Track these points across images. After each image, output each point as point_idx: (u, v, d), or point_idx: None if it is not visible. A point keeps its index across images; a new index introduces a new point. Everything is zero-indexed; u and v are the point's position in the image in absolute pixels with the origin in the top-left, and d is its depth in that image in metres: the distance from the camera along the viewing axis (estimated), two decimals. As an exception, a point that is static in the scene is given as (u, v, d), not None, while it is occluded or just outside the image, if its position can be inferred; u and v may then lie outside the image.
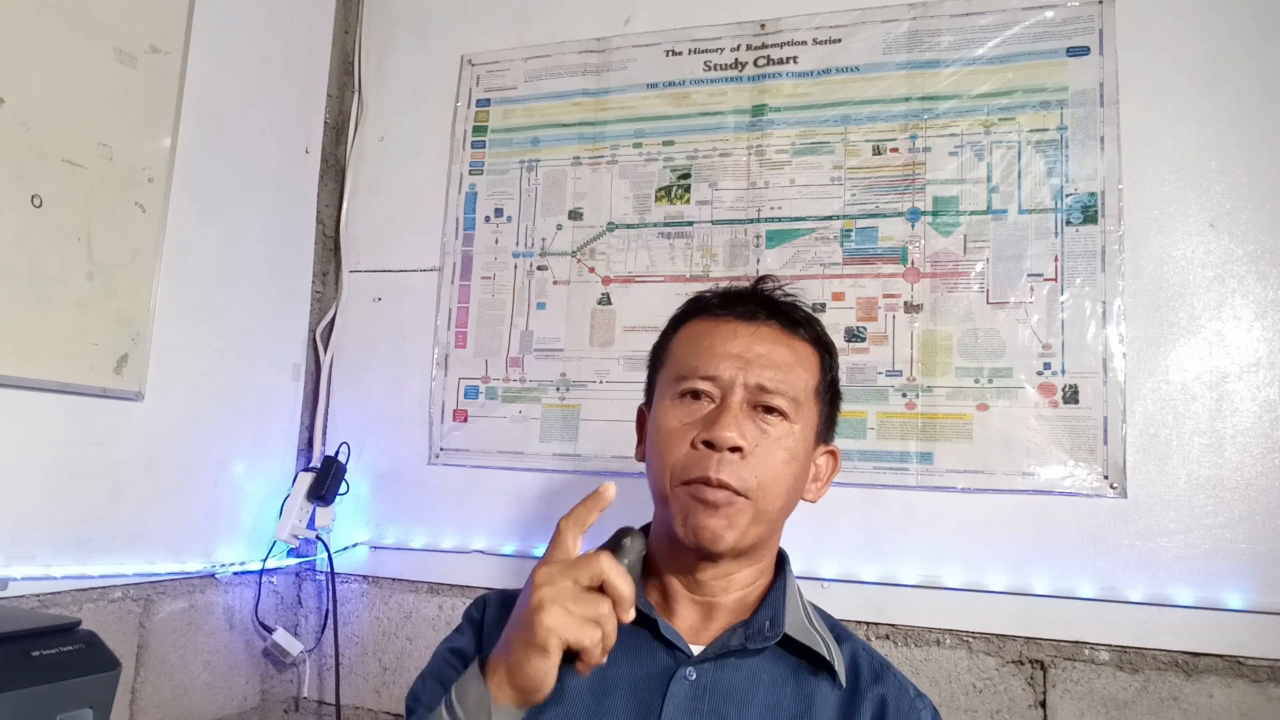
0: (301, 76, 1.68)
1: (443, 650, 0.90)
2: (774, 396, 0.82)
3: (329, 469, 1.55)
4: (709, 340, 0.85)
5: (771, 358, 0.83)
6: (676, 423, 0.83)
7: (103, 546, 1.26)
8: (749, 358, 0.83)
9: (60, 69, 1.17)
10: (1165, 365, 1.26)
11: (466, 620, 0.92)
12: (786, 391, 0.83)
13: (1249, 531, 1.19)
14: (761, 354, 0.83)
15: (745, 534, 0.81)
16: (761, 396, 0.82)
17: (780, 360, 0.84)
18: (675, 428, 0.83)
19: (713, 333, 0.86)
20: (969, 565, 1.28)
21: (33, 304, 1.14)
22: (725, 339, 0.85)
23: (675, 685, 0.79)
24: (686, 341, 0.88)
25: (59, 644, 0.89)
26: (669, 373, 0.88)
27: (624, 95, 1.58)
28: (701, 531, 0.80)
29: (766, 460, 0.81)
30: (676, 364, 0.87)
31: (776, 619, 0.83)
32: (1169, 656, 1.19)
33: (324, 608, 1.59)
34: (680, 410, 0.84)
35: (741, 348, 0.83)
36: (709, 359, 0.84)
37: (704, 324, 0.88)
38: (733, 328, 0.85)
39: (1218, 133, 1.27)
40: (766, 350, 0.84)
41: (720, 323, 0.86)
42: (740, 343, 0.84)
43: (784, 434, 0.83)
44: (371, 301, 1.69)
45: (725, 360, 0.83)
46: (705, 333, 0.87)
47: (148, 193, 1.30)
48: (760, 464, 0.81)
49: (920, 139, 1.41)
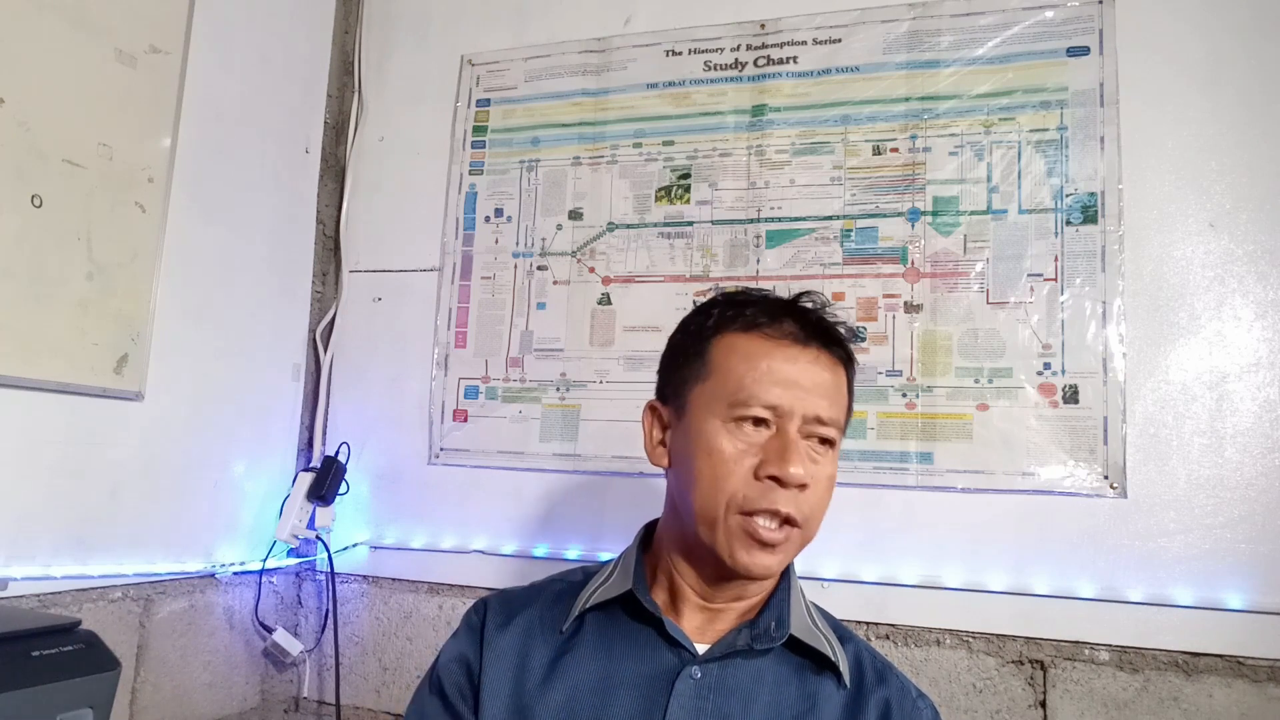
0: (301, 76, 1.68)
1: (445, 660, 0.89)
2: (828, 429, 0.82)
3: (329, 469, 1.55)
4: (767, 364, 0.82)
5: (825, 388, 0.82)
6: (733, 448, 0.81)
7: (103, 546, 1.26)
8: (807, 387, 0.81)
9: (60, 69, 1.17)
10: (1165, 365, 1.26)
11: (466, 625, 0.91)
12: (838, 422, 0.83)
13: (1249, 531, 1.19)
14: (817, 384, 0.82)
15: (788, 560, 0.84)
16: (817, 428, 0.81)
17: (831, 389, 0.83)
18: (732, 454, 0.81)
19: (769, 354, 0.82)
20: (969, 565, 1.28)
21: (33, 304, 1.14)
22: (782, 364, 0.82)
23: (680, 684, 0.80)
24: (738, 359, 0.84)
25: (59, 644, 0.89)
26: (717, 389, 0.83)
27: (624, 95, 1.58)
28: (754, 568, 0.81)
29: (817, 490, 0.82)
30: (729, 383, 0.83)
31: (782, 620, 0.83)
32: (1169, 656, 1.19)
33: (324, 608, 1.59)
34: (738, 436, 0.81)
35: (799, 375, 0.81)
36: (768, 386, 0.81)
37: (756, 342, 0.84)
38: (791, 353, 0.82)
39: (1218, 133, 1.27)
40: (821, 380, 0.83)
41: (775, 345, 0.83)
42: (798, 370, 0.82)
43: (830, 462, 0.83)
44: (371, 301, 1.69)
45: (785, 388, 0.81)
46: (760, 353, 0.83)
47: (148, 193, 1.30)
48: (813, 495, 0.81)
49: (920, 139, 1.41)
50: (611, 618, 0.86)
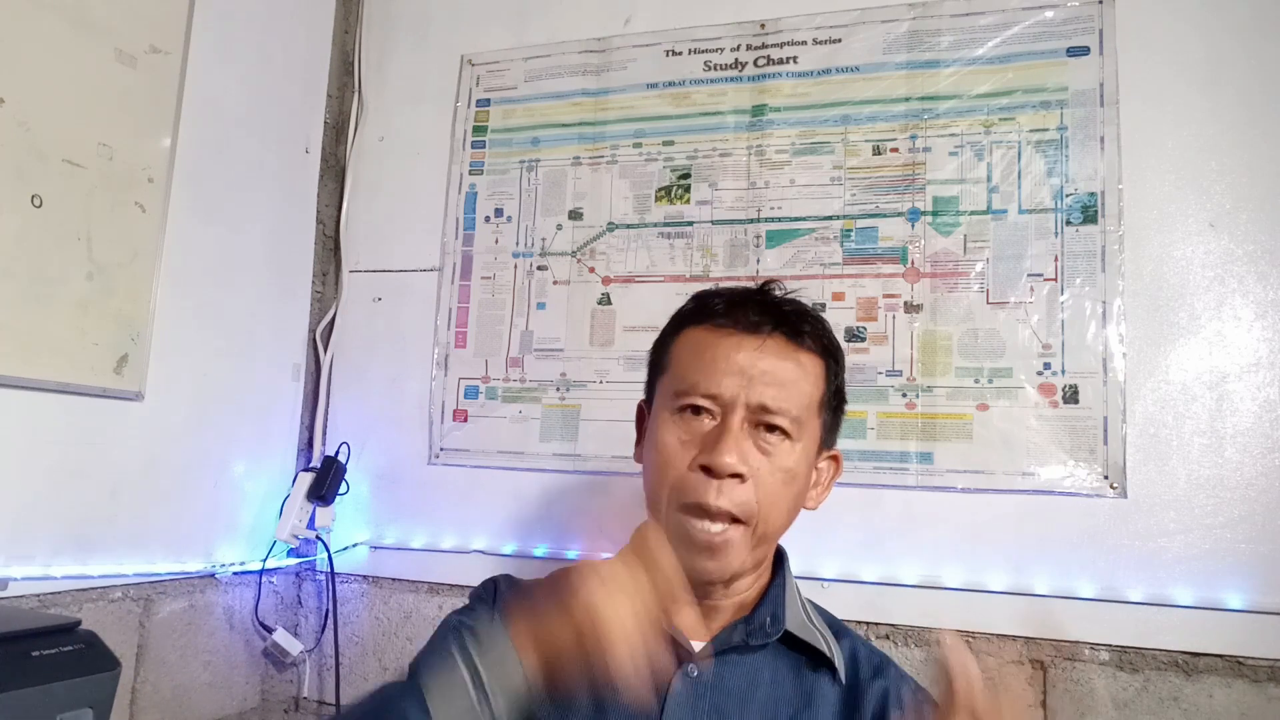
0: (301, 76, 1.68)
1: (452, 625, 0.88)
2: (776, 416, 0.80)
3: (329, 469, 1.55)
4: (711, 354, 0.82)
5: (775, 374, 0.80)
6: (675, 440, 0.81)
7: (103, 546, 1.26)
8: (752, 374, 0.80)
9: (60, 69, 1.17)
10: (1165, 365, 1.26)
11: (476, 601, 0.91)
12: (789, 410, 0.80)
13: (1249, 531, 1.19)
14: (765, 370, 0.80)
15: (744, 561, 0.81)
16: (763, 416, 0.80)
17: (784, 377, 0.81)
18: (673, 445, 0.81)
19: (715, 345, 0.82)
20: (969, 565, 1.28)
21: (33, 304, 1.14)
22: (728, 353, 0.81)
23: (677, 682, 0.80)
24: (688, 351, 0.85)
25: (59, 644, 0.89)
26: (669, 382, 0.85)
27: (624, 95, 1.58)
28: (696, 573, 0.79)
29: (767, 482, 0.79)
30: (677, 375, 0.84)
31: (777, 616, 0.83)
32: (1169, 656, 1.19)
33: (324, 608, 1.59)
34: (679, 426, 0.81)
35: (745, 362, 0.80)
36: (710, 374, 0.80)
37: (707, 334, 0.84)
38: (736, 341, 0.82)
39: (1218, 133, 1.27)
40: (771, 366, 0.81)
41: (724, 335, 0.82)
42: (744, 357, 0.81)
43: (785, 453, 0.81)
44: (371, 301, 1.69)
45: (727, 377, 0.80)
46: (708, 344, 0.83)
47: (148, 193, 1.30)
48: (761, 486, 0.79)
49: (920, 139, 1.41)
50: None
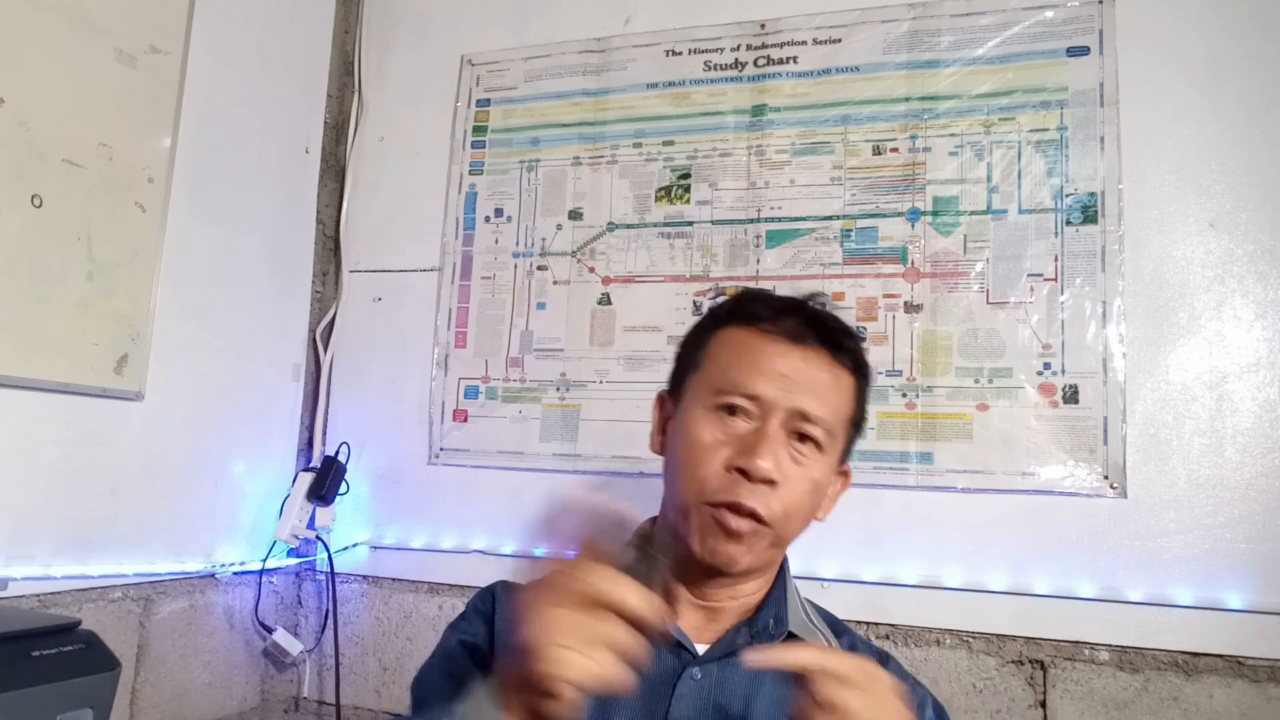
0: (301, 76, 1.68)
1: (452, 642, 0.88)
2: (813, 426, 0.80)
3: (329, 469, 1.55)
4: (754, 356, 0.82)
5: (816, 385, 0.81)
6: (710, 437, 0.80)
7: (103, 546, 1.26)
8: (795, 381, 0.80)
9: (60, 69, 1.17)
10: (1165, 365, 1.26)
11: (474, 612, 0.91)
12: (826, 421, 0.81)
13: (1249, 531, 1.19)
14: (808, 379, 0.80)
15: (760, 557, 0.81)
16: (800, 424, 0.80)
17: (824, 388, 0.81)
18: (709, 443, 0.80)
19: (759, 348, 0.82)
20: (969, 565, 1.28)
21: (33, 304, 1.14)
22: (772, 357, 0.81)
23: (682, 685, 0.80)
24: (730, 350, 0.84)
25: (59, 644, 0.89)
26: (706, 378, 0.84)
27: (624, 95, 1.58)
28: (718, 555, 0.79)
29: (794, 491, 0.80)
30: (716, 373, 0.83)
31: (780, 618, 0.83)
32: (1169, 656, 1.19)
33: (324, 608, 1.59)
34: (715, 424, 0.81)
35: (788, 369, 0.80)
36: (753, 375, 0.80)
37: (750, 335, 0.83)
38: (782, 348, 0.81)
39: (1218, 133, 1.27)
40: (812, 376, 0.81)
41: (768, 339, 0.82)
42: (787, 364, 0.81)
43: (815, 464, 0.81)
44: (371, 301, 1.69)
45: (771, 380, 0.80)
46: (751, 346, 0.83)
47: (148, 193, 1.30)
48: (788, 494, 0.79)
49: (920, 139, 1.41)
50: None
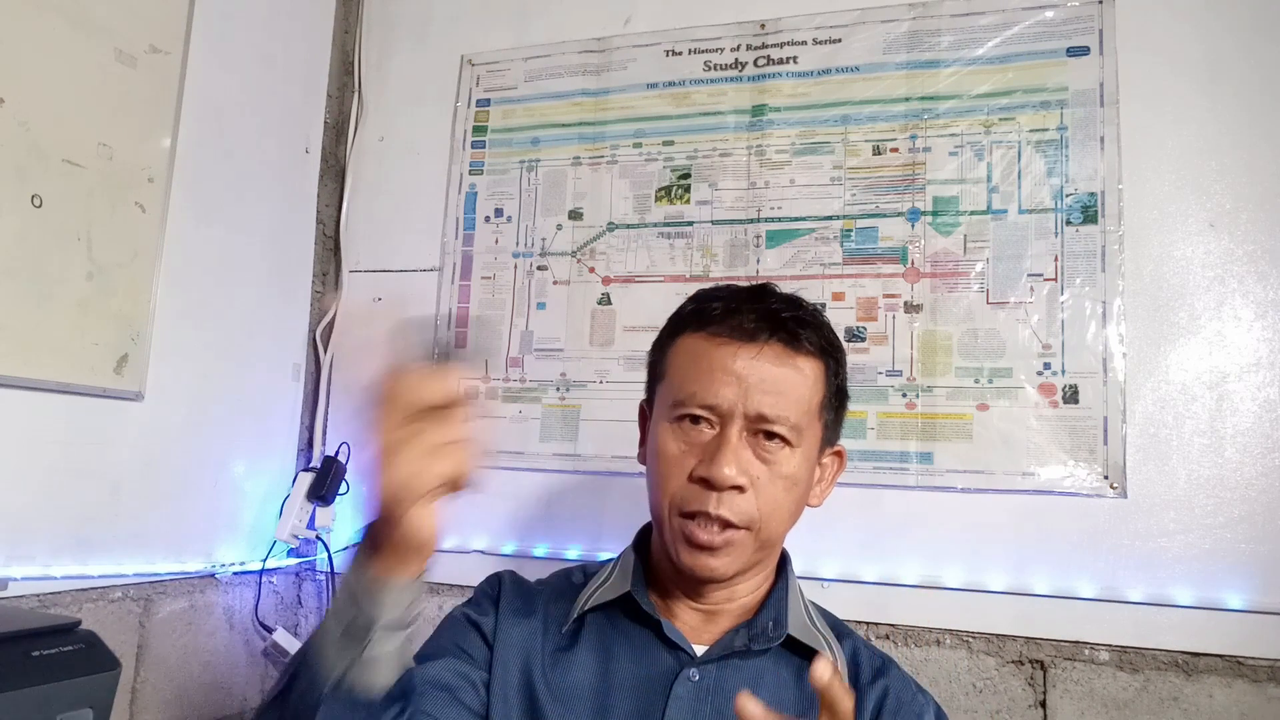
0: (301, 76, 1.68)
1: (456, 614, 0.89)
2: (774, 424, 0.80)
3: (329, 469, 1.55)
4: (707, 363, 0.81)
5: (773, 382, 0.80)
6: (675, 449, 0.81)
7: (103, 546, 1.26)
8: (749, 383, 0.79)
9: (60, 69, 1.17)
10: (1165, 365, 1.26)
11: (482, 595, 0.91)
12: (788, 418, 0.80)
13: (1249, 531, 1.19)
14: (763, 379, 0.80)
15: (746, 560, 0.81)
16: (762, 425, 0.80)
17: (782, 384, 0.80)
18: (674, 454, 0.81)
19: (711, 354, 0.82)
20: (969, 565, 1.28)
21: (33, 304, 1.14)
22: (725, 362, 0.80)
23: (679, 686, 0.79)
24: (686, 359, 0.84)
25: (59, 644, 0.89)
26: (668, 389, 0.85)
27: (624, 95, 1.58)
28: (698, 570, 0.80)
29: (767, 490, 0.79)
30: (674, 384, 0.84)
31: (780, 620, 0.83)
32: (1169, 656, 1.19)
33: (324, 608, 1.59)
34: (679, 435, 0.81)
35: (742, 371, 0.80)
36: (707, 384, 0.80)
37: (703, 342, 0.83)
38: (733, 350, 0.81)
39: (1218, 133, 1.27)
40: (768, 374, 0.80)
41: (720, 343, 0.82)
42: (741, 365, 0.80)
43: (785, 460, 0.81)
44: (371, 301, 1.69)
45: (724, 387, 0.79)
46: (703, 353, 0.82)
47: (148, 193, 1.30)
48: (762, 495, 0.79)
49: (920, 139, 1.41)
50: (610, 619, 0.86)
